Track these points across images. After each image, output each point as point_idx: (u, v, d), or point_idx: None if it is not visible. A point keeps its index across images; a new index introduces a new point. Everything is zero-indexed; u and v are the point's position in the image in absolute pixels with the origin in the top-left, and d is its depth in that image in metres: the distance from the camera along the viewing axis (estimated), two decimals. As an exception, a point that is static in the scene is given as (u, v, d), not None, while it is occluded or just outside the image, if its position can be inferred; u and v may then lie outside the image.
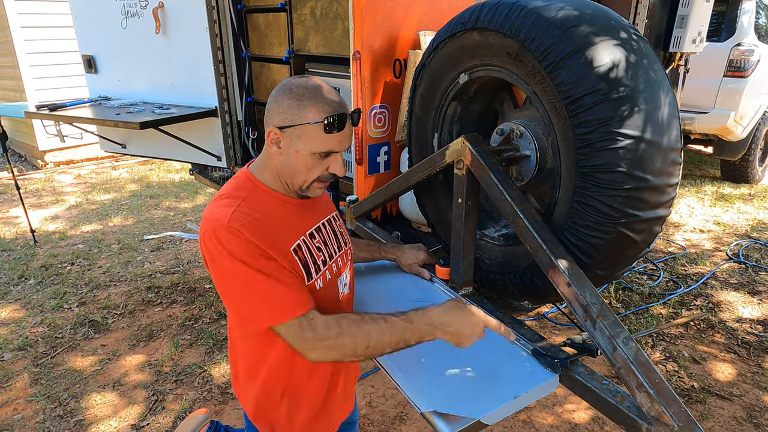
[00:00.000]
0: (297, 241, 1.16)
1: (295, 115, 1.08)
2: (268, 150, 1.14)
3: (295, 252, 1.14)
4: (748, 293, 3.72)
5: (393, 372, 1.21)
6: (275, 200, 1.17)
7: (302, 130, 1.08)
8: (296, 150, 1.11)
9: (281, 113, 1.09)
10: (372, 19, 2.22)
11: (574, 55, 1.19)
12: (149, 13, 3.31)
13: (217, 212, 1.10)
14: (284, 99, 1.09)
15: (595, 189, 1.21)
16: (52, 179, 6.71)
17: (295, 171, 1.13)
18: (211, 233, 1.08)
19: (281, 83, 1.13)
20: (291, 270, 1.12)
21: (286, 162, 1.13)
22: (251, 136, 3.55)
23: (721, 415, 2.58)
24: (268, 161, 1.17)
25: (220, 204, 1.12)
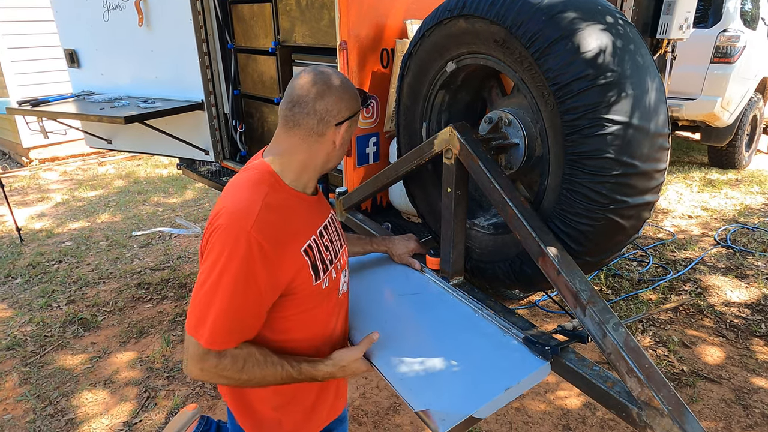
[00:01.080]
0: (308, 240, 1.15)
1: (356, 103, 1.17)
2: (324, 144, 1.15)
3: (305, 253, 1.14)
4: (736, 277, 3.77)
5: (385, 371, 1.21)
6: (293, 198, 1.15)
7: (357, 116, 1.19)
8: (351, 133, 1.20)
9: (348, 107, 1.15)
10: (358, 9, 2.20)
11: (561, 41, 1.18)
12: (131, 5, 3.26)
13: (243, 209, 1.06)
14: (346, 93, 1.14)
15: (584, 176, 1.21)
16: (37, 176, 6.62)
17: (342, 154, 1.21)
18: (228, 229, 1.04)
19: (325, 81, 1.13)
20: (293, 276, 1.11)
21: (340, 150, 1.18)
22: (239, 129, 3.51)
23: (711, 397, 2.61)
24: (309, 158, 1.16)
25: (244, 198, 1.08)
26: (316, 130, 1.13)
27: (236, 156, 3.61)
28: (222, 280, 1.03)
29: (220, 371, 1.07)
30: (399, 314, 1.45)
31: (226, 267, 1.03)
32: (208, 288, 1.04)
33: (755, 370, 2.80)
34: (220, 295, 1.04)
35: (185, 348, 1.08)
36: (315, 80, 1.13)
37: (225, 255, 1.03)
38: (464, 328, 1.35)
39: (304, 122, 1.13)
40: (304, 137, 1.14)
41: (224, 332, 1.05)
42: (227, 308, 1.04)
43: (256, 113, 3.43)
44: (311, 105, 1.12)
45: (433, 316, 1.42)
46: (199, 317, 1.05)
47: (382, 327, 1.37)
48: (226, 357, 1.07)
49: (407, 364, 1.22)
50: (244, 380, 1.10)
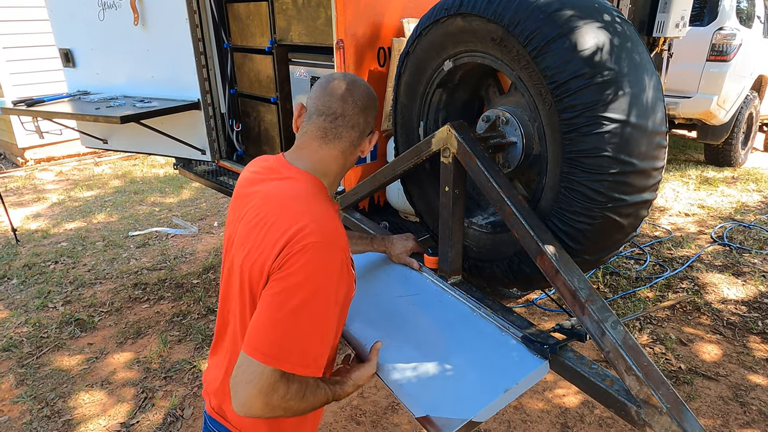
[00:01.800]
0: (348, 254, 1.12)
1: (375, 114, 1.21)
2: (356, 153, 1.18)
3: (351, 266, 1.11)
4: (733, 275, 3.78)
5: (385, 376, 1.21)
6: (336, 208, 1.15)
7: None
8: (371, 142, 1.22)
9: (376, 116, 1.19)
10: (355, 7, 2.19)
11: (558, 40, 1.18)
12: (127, 4, 3.24)
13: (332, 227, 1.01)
14: (375, 102, 1.19)
15: (582, 174, 1.21)
16: (32, 177, 6.59)
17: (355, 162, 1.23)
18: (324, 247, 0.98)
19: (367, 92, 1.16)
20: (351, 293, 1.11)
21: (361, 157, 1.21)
22: (235, 128, 3.50)
23: (708, 395, 2.62)
24: (342, 168, 1.17)
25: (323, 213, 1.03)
26: (356, 143, 1.16)
27: (233, 155, 3.60)
28: (316, 301, 0.97)
29: (286, 401, 0.98)
30: (397, 315, 1.45)
31: (321, 287, 0.97)
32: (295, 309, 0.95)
33: (752, 367, 2.81)
34: (314, 317, 0.97)
35: (241, 380, 0.96)
36: (354, 92, 1.13)
37: (320, 274, 0.97)
38: (462, 328, 1.35)
39: (347, 135, 1.13)
40: (344, 149, 1.14)
41: (320, 357, 1.00)
42: (323, 331, 0.99)
43: (252, 112, 3.42)
44: (356, 119, 1.13)
45: (432, 316, 1.41)
46: (283, 342, 0.95)
47: (380, 329, 1.36)
48: (294, 384, 0.98)
49: (406, 367, 1.22)
50: (299, 410, 1.02)
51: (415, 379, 1.20)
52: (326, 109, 1.12)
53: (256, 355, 0.95)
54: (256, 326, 0.97)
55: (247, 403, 0.95)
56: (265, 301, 0.98)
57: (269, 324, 0.96)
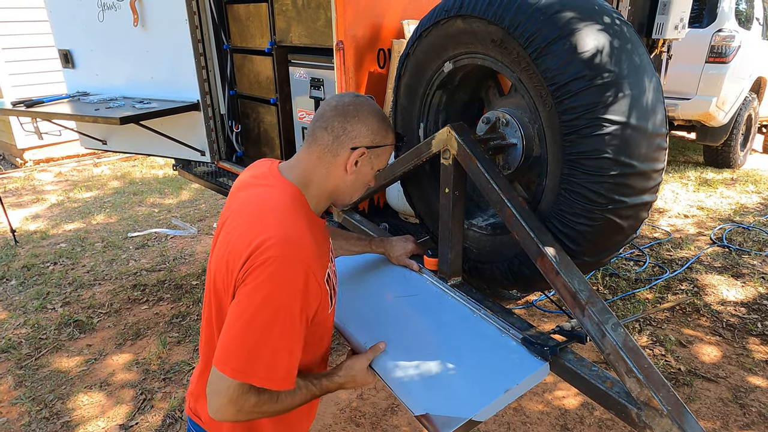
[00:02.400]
0: (327, 269, 1.13)
1: (383, 137, 1.14)
2: (337, 168, 1.11)
3: (327, 281, 1.11)
4: (732, 276, 3.78)
5: (386, 377, 1.21)
6: (317, 224, 1.13)
7: (385, 150, 1.16)
8: (371, 168, 1.15)
9: (370, 134, 1.11)
10: (354, 8, 2.19)
11: (558, 41, 1.18)
12: (126, 5, 3.24)
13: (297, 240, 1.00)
14: (373, 119, 1.11)
15: (582, 176, 1.21)
16: (31, 177, 6.58)
17: (358, 188, 1.17)
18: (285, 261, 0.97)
19: (354, 103, 1.11)
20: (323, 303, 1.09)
21: (355, 180, 1.14)
22: (235, 129, 3.50)
23: (708, 396, 2.62)
24: (323, 179, 1.12)
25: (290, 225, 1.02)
26: (331, 149, 1.10)
27: (232, 157, 3.60)
28: (280, 315, 0.97)
29: (259, 407, 1.01)
30: (397, 316, 1.45)
31: (285, 301, 0.97)
32: (263, 324, 0.96)
33: (752, 368, 2.81)
34: (279, 332, 0.97)
35: (214, 390, 0.99)
36: (344, 100, 1.11)
37: (283, 288, 0.97)
38: (462, 329, 1.35)
39: (321, 137, 1.10)
40: (321, 155, 1.10)
41: (290, 370, 1.02)
42: (290, 345, 1.00)
43: (252, 114, 3.42)
44: (330, 121, 1.09)
45: (432, 318, 1.41)
46: (251, 357, 0.96)
47: (380, 330, 1.36)
48: (265, 393, 1.01)
49: (406, 367, 1.22)
50: (275, 411, 1.06)
51: (414, 378, 1.19)
52: (314, 114, 1.15)
53: (225, 370, 0.97)
54: (224, 340, 0.99)
55: (219, 411, 0.99)
56: (232, 314, 0.99)
57: (237, 339, 0.97)
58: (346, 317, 1.44)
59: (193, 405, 1.24)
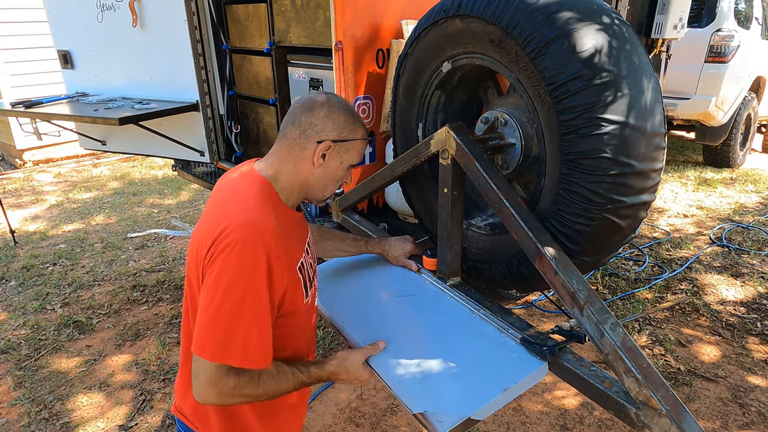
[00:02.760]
0: (300, 258, 1.17)
1: (351, 131, 1.17)
2: (305, 161, 1.14)
3: (299, 270, 1.15)
4: (731, 276, 3.78)
5: (384, 374, 1.21)
6: (288, 214, 1.16)
7: (354, 145, 1.18)
8: (340, 162, 1.18)
9: (336, 128, 1.14)
10: (353, 9, 2.19)
11: (557, 41, 1.18)
12: (125, 6, 3.24)
13: (257, 223, 1.04)
14: (339, 115, 1.14)
15: (580, 175, 1.21)
16: (31, 178, 6.58)
17: (329, 183, 1.20)
18: (245, 243, 1.00)
19: (321, 99, 1.15)
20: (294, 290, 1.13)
21: (324, 174, 1.17)
22: (234, 130, 3.50)
23: (707, 396, 2.62)
24: (292, 172, 1.15)
25: (253, 211, 1.06)
26: (298, 143, 1.13)
27: (231, 157, 3.60)
28: (247, 297, 1.01)
29: (239, 390, 1.04)
30: (396, 316, 1.45)
31: (249, 283, 1.01)
32: (232, 307, 1.00)
33: (751, 368, 2.81)
34: (249, 312, 1.01)
35: (195, 375, 1.03)
36: (313, 98, 1.16)
37: (247, 270, 1.00)
38: (461, 329, 1.35)
39: (289, 132, 1.14)
40: (289, 149, 1.14)
41: (263, 349, 1.04)
42: (260, 324, 1.03)
43: (251, 114, 3.42)
44: (297, 116, 1.14)
45: (431, 318, 1.41)
46: (225, 339, 1.00)
47: (378, 328, 1.36)
48: (244, 375, 1.04)
49: (404, 366, 1.22)
50: (258, 395, 1.08)
51: (412, 376, 1.19)
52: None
53: (202, 353, 1.01)
54: (199, 325, 1.03)
55: (202, 394, 1.03)
56: (203, 301, 1.03)
57: (210, 324, 1.01)
58: (344, 316, 1.44)
59: (178, 402, 1.27)
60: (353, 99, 2.33)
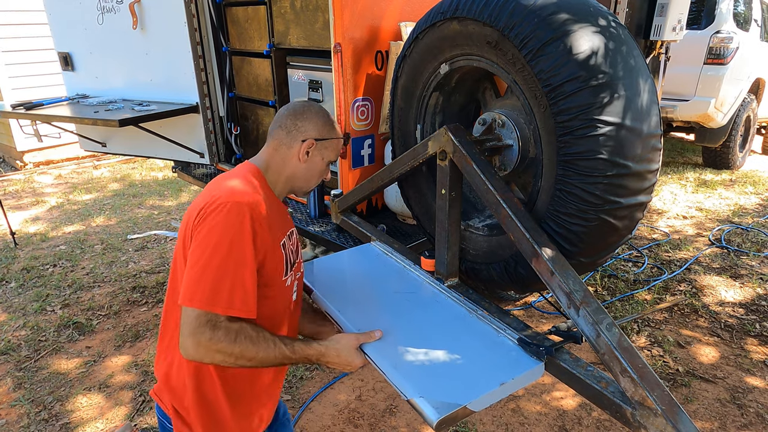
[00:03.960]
0: (283, 238, 1.27)
1: (330, 131, 1.34)
2: (292, 158, 1.30)
3: (282, 247, 1.26)
4: (730, 277, 3.78)
5: (378, 360, 1.21)
6: (272, 198, 1.28)
7: (332, 143, 1.35)
8: (321, 158, 1.34)
9: (317, 128, 1.32)
10: (352, 11, 2.20)
11: (553, 43, 1.19)
12: (126, 8, 3.25)
13: (241, 191, 1.16)
14: (318, 117, 1.32)
15: (577, 177, 1.21)
16: (31, 180, 6.59)
17: (312, 176, 1.36)
18: (230, 205, 1.11)
19: (303, 105, 1.34)
20: (275, 262, 1.22)
21: (308, 169, 1.33)
22: (234, 131, 3.51)
23: (706, 397, 2.62)
24: (280, 166, 1.31)
25: (238, 185, 1.18)
26: (285, 142, 1.30)
27: (231, 158, 3.61)
28: (233, 252, 1.09)
29: (215, 344, 1.08)
30: (393, 310, 1.45)
31: (236, 239, 1.10)
32: (219, 261, 1.08)
33: (750, 369, 2.81)
34: (235, 266, 1.09)
35: (181, 331, 1.09)
36: (295, 104, 1.34)
37: (233, 228, 1.10)
38: (459, 329, 1.35)
39: (276, 134, 1.31)
40: (277, 147, 1.31)
41: (248, 300, 1.12)
42: (245, 277, 1.11)
43: (251, 116, 3.43)
44: (283, 120, 1.32)
45: (428, 316, 1.42)
46: (212, 289, 1.08)
47: (375, 320, 1.36)
48: (219, 329, 1.09)
49: (400, 355, 1.22)
50: (237, 354, 1.11)
51: (407, 364, 1.19)
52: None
53: (185, 301, 1.09)
54: (187, 278, 1.10)
55: (183, 346, 1.09)
56: (192, 257, 1.11)
57: (198, 275, 1.09)
58: (340, 305, 1.44)
59: (157, 386, 1.31)
60: (352, 100, 2.34)
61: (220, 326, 1.09)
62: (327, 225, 2.60)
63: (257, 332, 1.14)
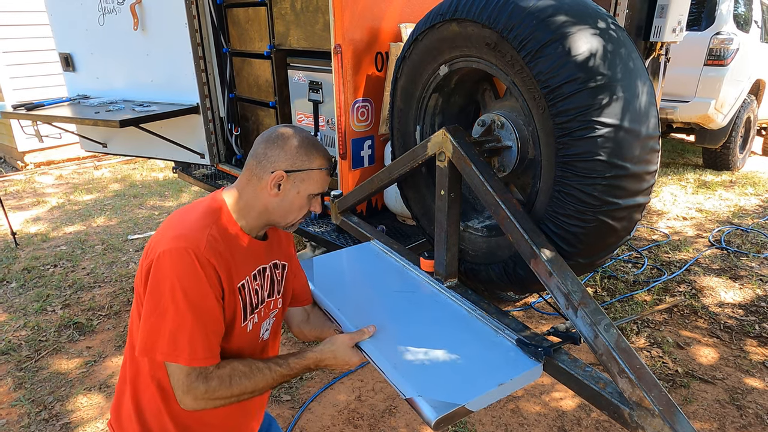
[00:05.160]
0: (242, 280, 1.18)
1: (305, 161, 1.18)
2: (263, 190, 1.17)
3: (240, 290, 1.17)
4: (730, 278, 3.78)
5: (378, 360, 1.21)
6: (236, 235, 1.18)
7: (309, 175, 1.19)
8: (297, 192, 1.19)
9: (289, 159, 1.16)
10: (352, 12, 2.21)
11: (551, 45, 1.19)
12: (126, 9, 3.26)
13: (189, 234, 1.08)
14: (291, 146, 1.17)
15: (575, 178, 1.22)
16: (32, 180, 6.59)
17: (289, 211, 1.21)
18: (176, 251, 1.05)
19: (278, 131, 1.19)
20: (230, 309, 1.15)
21: (281, 203, 1.19)
22: (234, 132, 3.52)
23: (705, 398, 2.62)
24: (251, 199, 1.19)
25: (188, 226, 1.10)
26: (256, 173, 1.17)
27: (232, 159, 3.61)
28: (187, 299, 1.04)
29: (212, 394, 1.08)
30: (392, 308, 1.46)
31: (186, 285, 1.04)
32: (174, 311, 1.04)
33: (749, 370, 2.81)
34: (188, 313, 1.04)
35: (174, 388, 1.08)
36: (274, 130, 1.20)
37: (181, 274, 1.04)
38: (458, 328, 1.36)
39: (249, 163, 1.19)
40: (249, 178, 1.19)
41: (209, 347, 1.07)
42: (201, 323, 1.06)
43: (251, 116, 3.43)
44: (256, 147, 1.19)
45: (427, 315, 1.42)
46: (173, 341, 1.04)
47: (374, 319, 1.37)
48: (212, 380, 1.08)
49: (399, 353, 1.23)
50: (237, 394, 1.11)
51: (406, 363, 1.20)
52: None
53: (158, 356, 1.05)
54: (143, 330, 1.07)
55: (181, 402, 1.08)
56: (146, 308, 1.07)
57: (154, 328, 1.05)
58: (340, 305, 1.44)
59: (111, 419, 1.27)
60: (352, 101, 2.35)
61: (212, 377, 1.08)
62: (327, 225, 2.61)
63: (249, 366, 1.13)
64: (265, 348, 1.34)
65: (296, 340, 3.12)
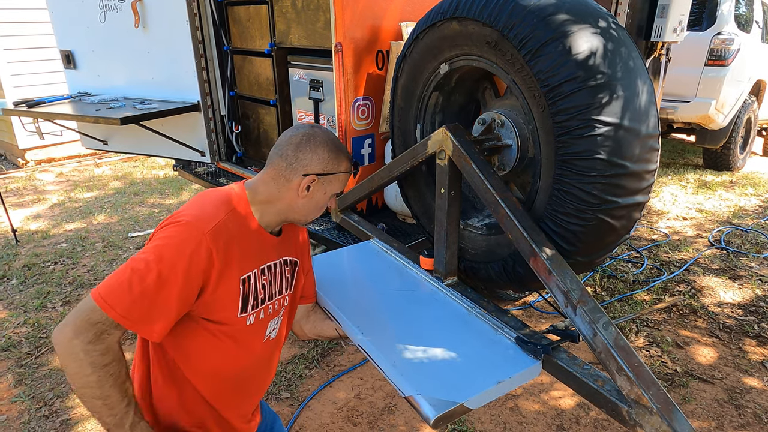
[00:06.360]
0: (249, 272, 1.18)
1: (335, 165, 1.23)
2: (290, 190, 1.20)
3: (243, 282, 1.16)
4: (729, 278, 3.79)
5: (377, 358, 1.21)
6: (251, 227, 1.19)
7: (337, 177, 1.25)
8: (324, 193, 1.24)
9: (321, 163, 1.21)
10: (353, 11, 2.21)
11: (551, 43, 1.20)
12: (128, 6, 3.26)
13: (205, 216, 1.09)
14: (323, 150, 1.21)
15: (574, 176, 1.22)
16: (33, 178, 6.60)
17: (314, 210, 1.26)
18: (186, 225, 1.06)
19: (306, 133, 1.22)
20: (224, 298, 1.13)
21: (308, 203, 1.23)
22: (235, 130, 3.52)
23: (703, 397, 2.63)
24: (274, 197, 1.21)
25: (208, 208, 1.12)
26: (284, 174, 1.20)
27: (232, 157, 3.62)
28: (162, 266, 1.02)
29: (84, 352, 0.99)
30: (392, 307, 1.46)
31: (172, 257, 1.03)
32: (144, 267, 1.02)
33: (747, 370, 2.82)
34: (153, 278, 1.01)
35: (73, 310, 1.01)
36: (301, 130, 1.23)
37: (174, 245, 1.04)
38: (457, 326, 1.36)
39: (276, 163, 1.21)
40: (274, 177, 1.21)
41: (150, 317, 1.03)
42: (158, 297, 1.02)
43: (252, 114, 3.44)
44: (285, 149, 1.21)
45: (426, 313, 1.43)
46: (118, 290, 1.00)
47: (374, 317, 1.37)
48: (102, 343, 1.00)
49: (398, 351, 1.23)
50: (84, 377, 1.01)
51: (405, 361, 1.20)
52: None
53: (93, 294, 1.01)
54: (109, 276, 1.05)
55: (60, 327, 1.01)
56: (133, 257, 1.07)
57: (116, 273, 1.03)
58: (340, 303, 1.45)
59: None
60: (353, 100, 2.35)
61: (105, 341, 1.01)
62: (327, 223, 2.61)
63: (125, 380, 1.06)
64: (270, 350, 1.31)
65: (296, 339, 3.13)
